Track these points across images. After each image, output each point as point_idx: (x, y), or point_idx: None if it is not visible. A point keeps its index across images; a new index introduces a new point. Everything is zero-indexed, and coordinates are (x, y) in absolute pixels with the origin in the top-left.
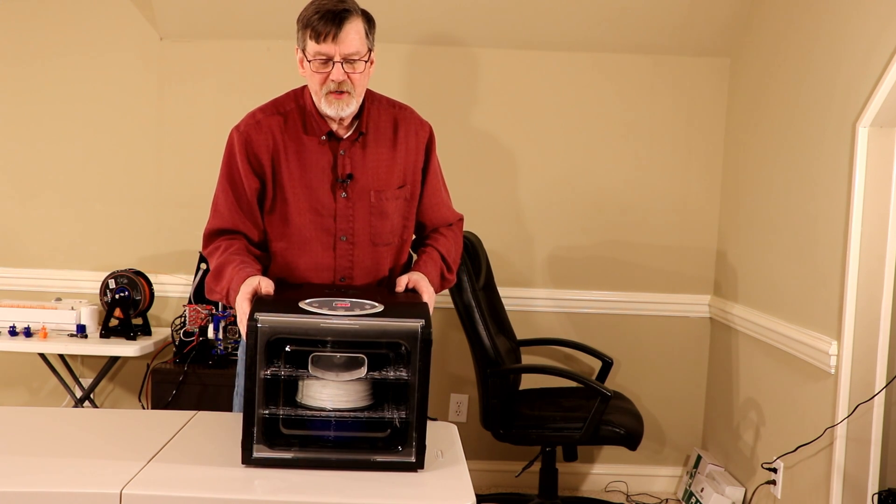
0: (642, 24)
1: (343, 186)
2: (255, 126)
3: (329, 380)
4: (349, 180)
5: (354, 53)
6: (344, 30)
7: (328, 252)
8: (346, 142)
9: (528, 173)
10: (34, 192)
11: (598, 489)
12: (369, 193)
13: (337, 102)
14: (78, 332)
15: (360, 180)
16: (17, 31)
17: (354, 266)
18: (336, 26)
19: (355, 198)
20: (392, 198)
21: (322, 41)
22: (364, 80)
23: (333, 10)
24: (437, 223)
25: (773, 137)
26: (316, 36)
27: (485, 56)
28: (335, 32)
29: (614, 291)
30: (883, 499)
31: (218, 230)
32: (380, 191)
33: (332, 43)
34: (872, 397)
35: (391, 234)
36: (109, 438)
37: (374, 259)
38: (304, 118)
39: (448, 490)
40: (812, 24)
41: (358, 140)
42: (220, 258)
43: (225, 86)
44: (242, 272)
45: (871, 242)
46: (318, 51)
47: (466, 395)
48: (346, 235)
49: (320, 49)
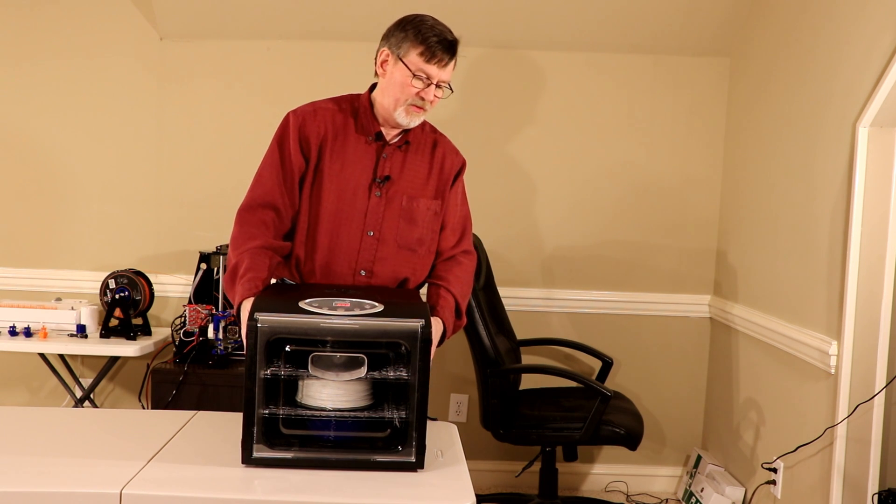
0: (642, 24)
1: (379, 186)
2: (312, 112)
3: (329, 380)
4: (386, 181)
5: (447, 82)
6: (453, 60)
7: (353, 244)
8: (391, 147)
9: (527, 173)
10: (34, 192)
11: (598, 489)
12: (402, 197)
13: (415, 115)
14: (78, 332)
15: (396, 183)
16: (17, 32)
17: (376, 262)
18: (449, 56)
19: (388, 199)
20: (424, 208)
21: (433, 63)
22: None
23: (450, 40)
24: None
25: (774, 137)
26: (430, 56)
27: (485, 56)
28: (447, 61)
29: (614, 291)
30: (883, 499)
31: (255, 203)
32: (413, 197)
33: (441, 68)
34: (872, 397)
35: (418, 242)
36: (109, 438)
37: (398, 260)
38: (357, 118)
39: (448, 490)
40: (812, 24)
41: (402, 147)
42: (237, 256)
43: (225, 86)
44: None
45: (871, 242)
46: (425, 70)
47: (466, 395)
48: (373, 231)
49: (427, 69)
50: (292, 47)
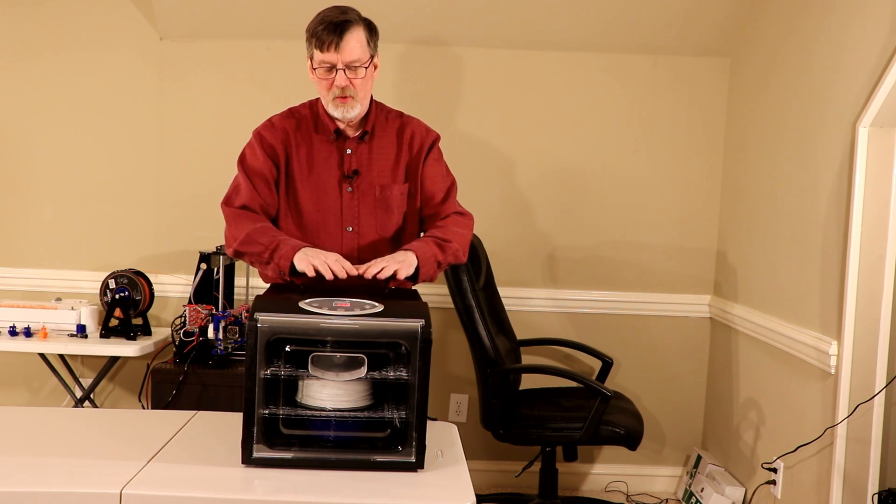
0: (642, 24)
1: (349, 182)
2: (270, 127)
3: (329, 380)
4: (355, 176)
5: (356, 61)
6: (345, 39)
7: (335, 241)
8: (353, 141)
9: (527, 173)
10: (34, 192)
11: (598, 489)
12: (375, 188)
13: (342, 106)
14: (78, 332)
15: (365, 176)
16: (17, 31)
17: (360, 255)
18: (338, 36)
19: (361, 193)
20: (398, 193)
21: (326, 50)
22: (367, 84)
23: (335, 21)
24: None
25: (774, 137)
26: (320, 45)
27: (485, 56)
28: (337, 42)
29: (614, 291)
30: (883, 499)
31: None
32: (385, 185)
33: (335, 52)
34: (872, 397)
35: (396, 227)
36: (109, 438)
37: (380, 251)
38: (316, 121)
39: (448, 490)
40: (812, 24)
41: (364, 139)
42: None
43: (225, 86)
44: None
45: (871, 242)
46: (323, 59)
47: (466, 395)
48: (351, 226)
49: (324, 57)
50: (292, 47)
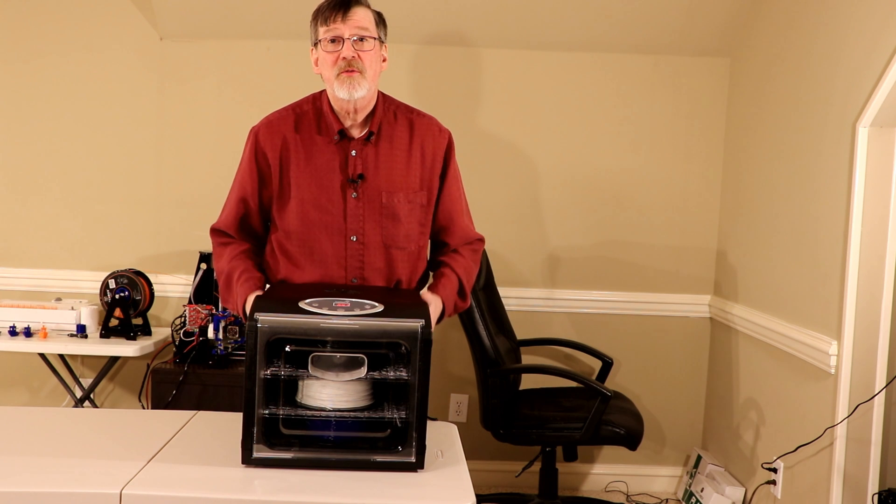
0: (642, 24)
1: (354, 186)
2: (267, 126)
3: (329, 380)
4: (360, 180)
5: (363, 29)
6: (352, 10)
7: (339, 251)
8: (358, 142)
9: (528, 173)
10: (34, 192)
11: (598, 489)
12: (380, 195)
13: (349, 80)
14: (78, 332)
15: (371, 181)
16: (17, 31)
17: (366, 267)
18: (344, 8)
19: (366, 199)
20: (406, 201)
21: (332, 22)
22: (374, 62)
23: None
24: (457, 234)
25: (773, 137)
26: (325, 20)
27: (486, 56)
28: (343, 12)
29: (614, 291)
30: (883, 499)
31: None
32: (392, 192)
33: (341, 22)
34: (872, 397)
35: (406, 238)
36: (109, 438)
37: (388, 262)
38: (319, 119)
39: (448, 490)
40: (812, 24)
41: (370, 140)
42: (227, 265)
43: (225, 86)
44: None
45: (871, 242)
46: (328, 30)
47: (466, 395)
48: (356, 236)
49: (329, 28)
50: (292, 47)
